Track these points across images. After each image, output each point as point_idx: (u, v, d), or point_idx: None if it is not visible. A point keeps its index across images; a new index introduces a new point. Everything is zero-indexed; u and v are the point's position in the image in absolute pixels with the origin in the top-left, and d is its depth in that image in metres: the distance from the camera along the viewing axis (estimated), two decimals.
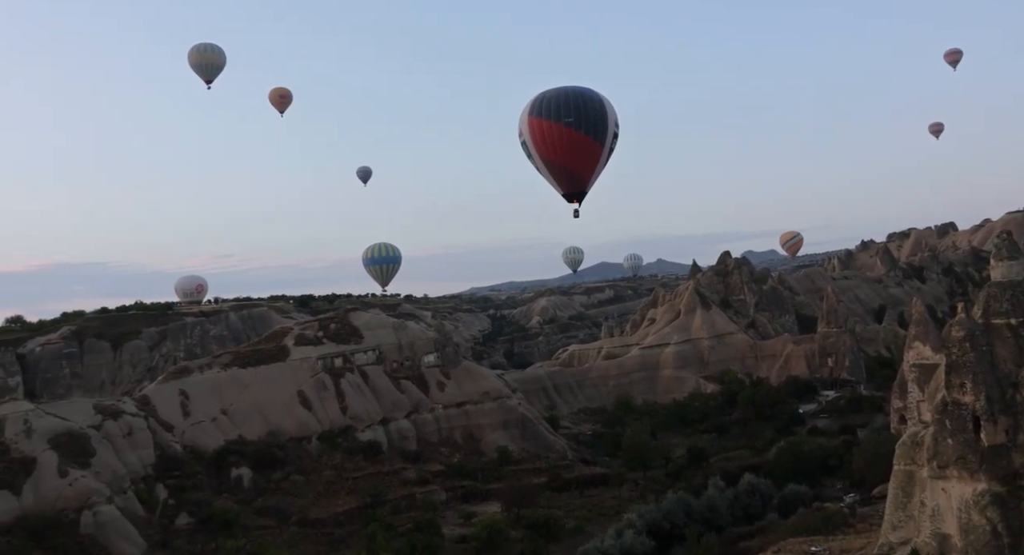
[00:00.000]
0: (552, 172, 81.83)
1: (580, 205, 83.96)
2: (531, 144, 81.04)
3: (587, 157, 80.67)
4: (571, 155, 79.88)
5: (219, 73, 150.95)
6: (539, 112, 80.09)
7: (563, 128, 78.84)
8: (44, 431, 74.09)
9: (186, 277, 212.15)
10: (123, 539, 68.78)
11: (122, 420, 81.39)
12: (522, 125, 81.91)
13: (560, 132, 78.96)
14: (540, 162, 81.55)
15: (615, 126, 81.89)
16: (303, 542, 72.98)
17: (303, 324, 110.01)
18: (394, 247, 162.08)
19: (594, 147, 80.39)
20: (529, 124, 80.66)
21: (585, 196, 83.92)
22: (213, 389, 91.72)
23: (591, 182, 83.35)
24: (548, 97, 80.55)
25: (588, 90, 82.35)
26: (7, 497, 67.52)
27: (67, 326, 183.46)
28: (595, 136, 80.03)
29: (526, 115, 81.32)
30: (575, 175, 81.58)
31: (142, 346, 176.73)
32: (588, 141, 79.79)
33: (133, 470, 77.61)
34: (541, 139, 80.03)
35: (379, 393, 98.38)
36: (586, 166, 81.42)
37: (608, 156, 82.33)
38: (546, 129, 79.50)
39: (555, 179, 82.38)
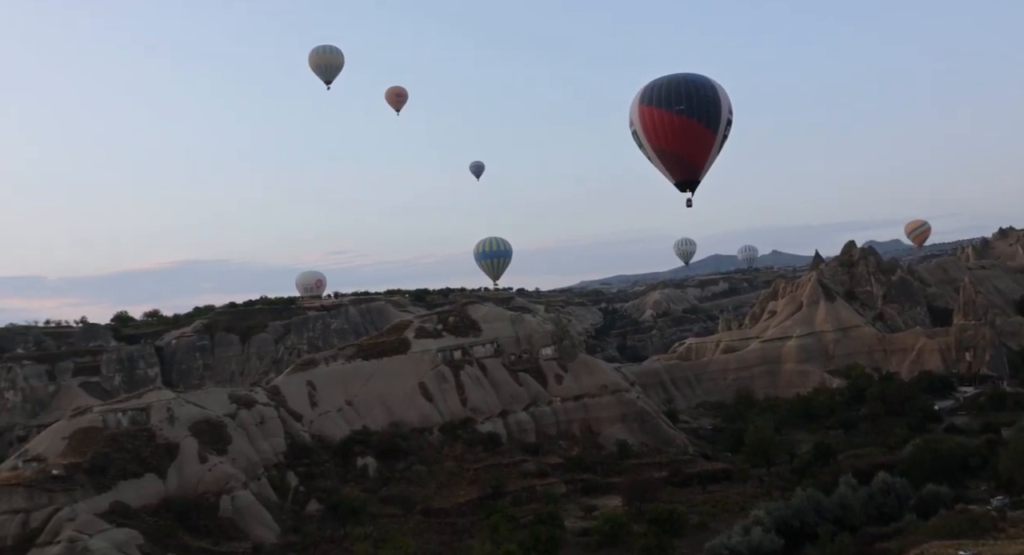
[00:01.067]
0: (664, 161, 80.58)
1: (693, 194, 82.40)
2: (642, 133, 80.00)
3: (700, 145, 79.08)
4: (683, 143, 78.50)
5: (338, 74, 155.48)
6: (650, 100, 78.97)
7: (674, 116, 77.54)
8: (185, 419, 78.12)
9: (306, 272, 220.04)
10: (259, 523, 71.71)
11: (255, 409, 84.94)
12: (633, 114, 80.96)
13: (672, 120, 77.68)
14: (651, 151, 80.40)
15: (729, 112, 79.88)
16: (427, 531, 74.20)
17: (422, 317, 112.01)
18: (505, 241, 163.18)
19: (707, 134, 78.72)
20: (640, 113, 79.63)
21: (698, 185, 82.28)
22: (338, 380, 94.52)
23: (704, 170, 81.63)
24: (659, 85, 79.34)
25: (700, 76, 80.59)
26: (154, 480, 71.48)
27: (199, 320, 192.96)
28: (708, 123, 78.36)
29: (637, 104, 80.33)
30: (688, 163, 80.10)
31: (268, 339, 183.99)
32: (701, 128, 78.21)
33: (266, 457, 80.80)
34: (652, 128, 78.91)
35: (498, 385, 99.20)
36: (699, 154, 79.82)
37: (721, 143, 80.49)
38: (657, 117, 78.32)
39: (667, 168, 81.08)
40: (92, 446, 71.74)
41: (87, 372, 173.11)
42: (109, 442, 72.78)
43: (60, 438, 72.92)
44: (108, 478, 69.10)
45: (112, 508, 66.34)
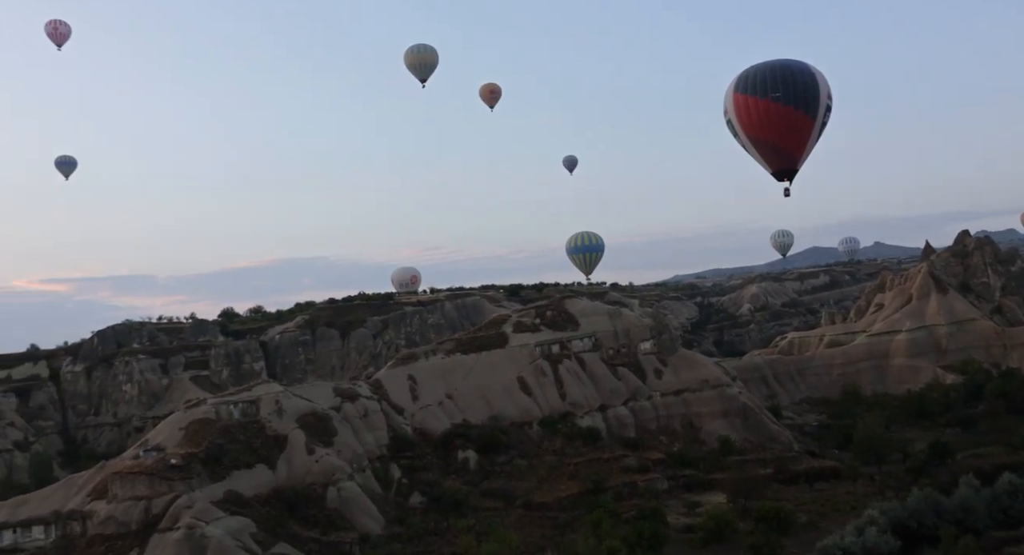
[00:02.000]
0: (760, 150, 78.52)
1: (791, 183, 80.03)
2: (737, 122, 78.16)
3: (797, 132, 76.70)
4: (780, 131, 76.31)
5: (432, 72, 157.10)
6: (745, 88, 77.03)
7: (770, 103, 75.43)
8: (293, 411, 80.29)
9: (401, 269, 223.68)
10: (364, 514, 73.08)
11: (358, 403, 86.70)
12: (727, 103, 79.16)
13: (767, 108, 75.60)
14: (747, 140, 78.50)
15: (828, 98, 77.21)
16: (529, 525, 74.26)
17: (520, 312, 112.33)
18: (597, 235, 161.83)
19: (805, 121, 76.28)
20: (735, 102, 77.79)
21: (796, 173, 79.89)
22: (439, 374, 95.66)
23: (802, 159, 79.17)
24: (754, 72, 77.31)
25: (797, 62, 78.16)
26: (264, 471, 73.64)
27: (301, 316, 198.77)
28: (806, 110, 75.94)
29: (731, 92, 78.53)
30: (785, 152, 77.82)
31: (367, 334, 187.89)
32: (798, 115, 75.84)
33: (369, 450, 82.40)
34: (747, 116, 77.00)
35: (596, 380, 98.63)
36: (796, 142, 77.42)
37: (820, 130, 77.93)
38: (752, 105, 76.36)
39: (763, 157, 78.96)
40: (207, 437, 74.39)
41: (197, 366, 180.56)
42: (222, 433, 75.33)
43: (177, 429, 75.94)
44: (222, 468, 71.50)
45: (226, 497, 68.57)
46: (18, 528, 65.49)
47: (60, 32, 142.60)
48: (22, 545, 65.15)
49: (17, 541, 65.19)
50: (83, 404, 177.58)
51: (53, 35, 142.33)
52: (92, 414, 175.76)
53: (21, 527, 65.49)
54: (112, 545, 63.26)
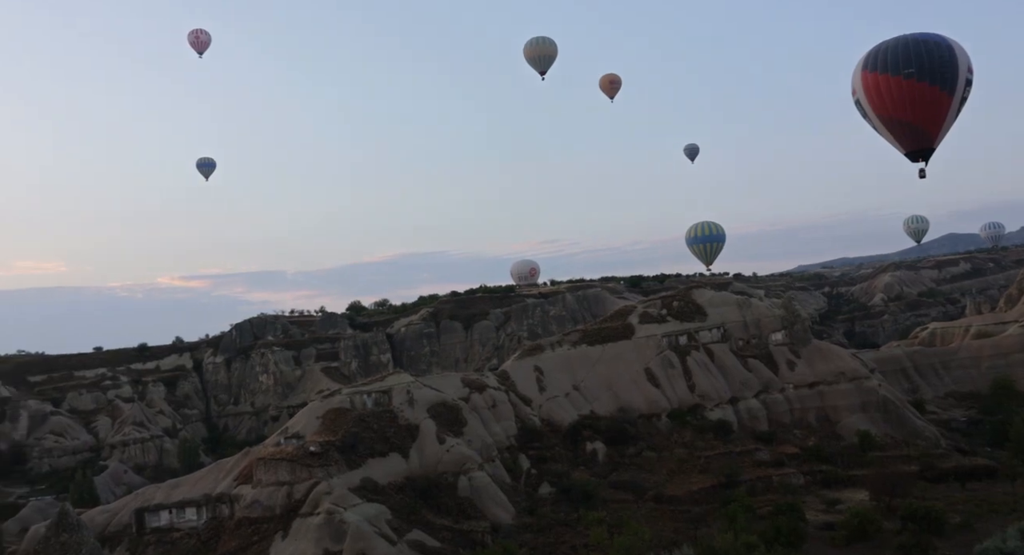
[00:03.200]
0: (892, 130, 74.37)
1: (927, 164, 75.45)
2: (866, 102, 74.28)
3: (934, 109, 72.17)
4: (914, 109, 72.04)
5: (552, 64, 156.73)
6: (874, 66, 73.10)
7: (903, 80, 71.32)
8: (424, 401, 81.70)
9: (521, 261, 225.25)
10: (495, 504, 73.59)
11: (487, 393, 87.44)
12: (855, 83, 75.39)
13: (900, 85, 71.49)
14: (877, 120, 74.50)
15: (968, 72, 72.24)
16: (661, 518, 73.03)
17: (646, 302, 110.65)
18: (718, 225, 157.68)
19: (941, 97, 71.68)
20: (863, 80, 73.99)
21: (932, 153, 75.19)
22: (565, 365, 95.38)
23: (939, 137, 74.46)
24: (884, 49, 73.26)
25: (932, 35, 73.47)
26: (398, 460, 75.19)
27: (425, 308, 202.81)
28: (943, 85, 71.34)
29: (859, 71, 74.76)
30: (920, 130, 73.39)
31: (490, 326, 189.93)
32: (934, 91, 71.34)
33: (498, 440, 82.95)
34: (878, 95, 73.05)
35: (726, 371, 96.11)
36: (933, 120, 72.86)
37: (960, 107, 73.05)
38: (883, 83, 72.39)
39: (896, 137, 74.74)
40: (342, 425, 76.58)
41: (327, 357, 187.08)
42: (357, 422, 77.37)
43: (314, 417, 78.47)
44: (358, 455, 73.43)
45: (363, 484, 70.35)
46: (173, 509, 69.25)
47: (201, 40, 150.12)
48: (177, 525, 68.84)
49: (173, 521, 68.94)
50: (223, 394, 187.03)
51: (195, 44, 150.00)
52: (232, 403, 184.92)
53: (176, 508, 69.22)
54: (258, 528, 65.87)
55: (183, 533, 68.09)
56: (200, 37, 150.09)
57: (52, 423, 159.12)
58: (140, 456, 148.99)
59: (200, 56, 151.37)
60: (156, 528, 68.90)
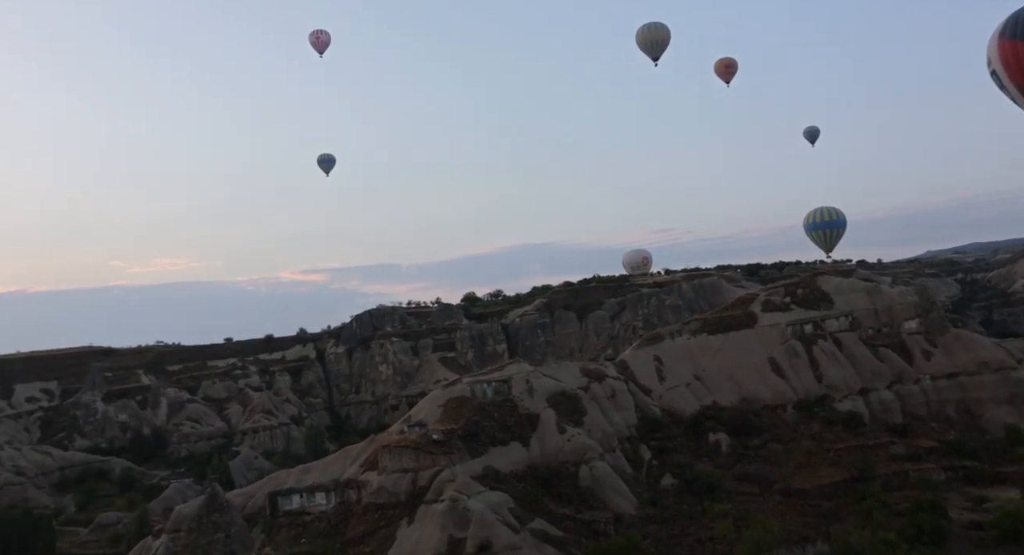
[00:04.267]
0: None
1: None
2: (1003, 71, 69.36)
3: None
4: None
5: (665, 49, 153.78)
6: (1012, 34, 68.19)
7: None
8: (543, 391, 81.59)
9: (633, 251, 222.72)
10: (616, 494, 72.79)
11: (606, 383, 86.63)
12: (991, 52, 70.49)
13: None
14: (1015, 91, 69.23)
15: None
16: (789, 512, 70.64)
17: (768, 290, 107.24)
18: (838, 211, 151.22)
19: None
20: (1000, 49, 69.07)
21: None
22: (685, 355, 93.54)
23: None
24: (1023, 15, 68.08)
25: None
26: (518, 448, 75.33)
27: (539, 299, 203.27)
28: None
29: (996, 40, 69.86)
30: None
31: (604, 316, 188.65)
32: None
33: (618, 430, 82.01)
34: (1016, 63, 67.85)
35: (856, 361, 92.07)
36: None
37: None
38: (1022, 51, 67.11)
39: None
40: (463, 414, 77.32)
41: (444, 348, 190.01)
42: (478, 411, 77.97)
43: (436, 406, 79.56)
44: (479, 444, 73.96)
45: (484, 472, 70.76)
46: (304, 493, 71.52)
47: (321, 40, 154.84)
48: (308, 509, 71.06)
49: (303, 505, 71.21)
50: (345, 383, 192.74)
51: (315, 44, 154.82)
52: (353, 392, 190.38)
53: (307, 493, 71.47)
54: (384, 513, 67.27)
55: (313, 516, 70.20)
56: (320, 37, 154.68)
57: (189, 410, 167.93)
58: (268, 442, 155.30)
59: (320, 55, 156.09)
60: (288, 511, 71.30)
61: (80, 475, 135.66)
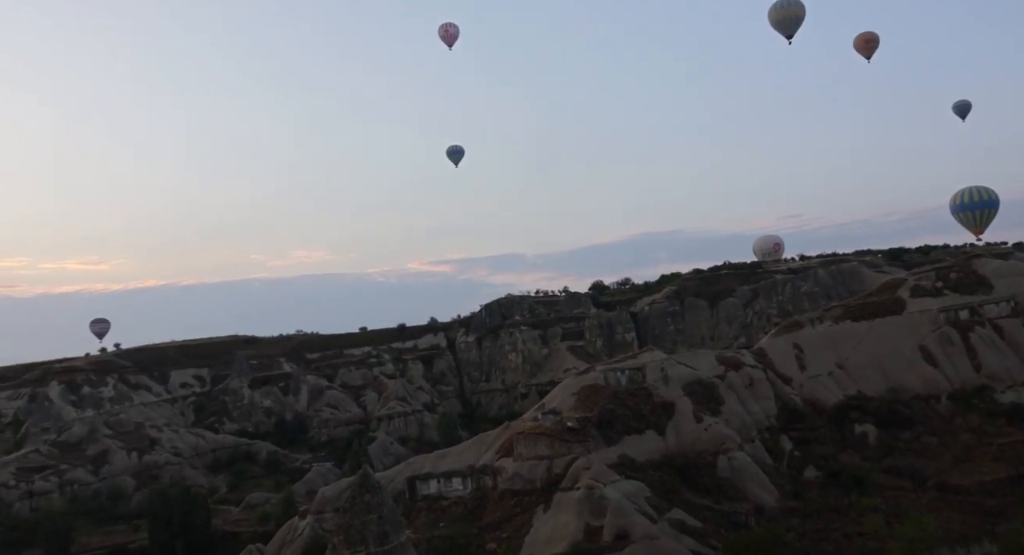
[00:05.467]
0: None
1: None
2: None
3: None
4: None
5: (799, 26, 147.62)
6: None
7: None
8: (678, 379, 79.96)
9: (763, 237, 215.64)
10: (756, 485, 70.55)
11: (743, 371, 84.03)
12: None
13: None
14: None
15: None
16: (945, 509, 66.57)
17: (917, 274, 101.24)
18: (989, 190, 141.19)
19: None
20: None
21: None
22: (827, 343, 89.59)
23: None
24: None
25: None
26: (654, 437, 74.16)
27: (668, 287, 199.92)
28: None
29: None
30: None
31: (736, 304, 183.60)
32: None
33: (757, 420, 79.44)
34: None
35: (1019, 350, 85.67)
36: None
37: None
38: None
39: None
40: (597, 402, 76.72)
41: (572, 336, 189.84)
42: (612, 399, 77.19)
43: (570, 393, 79.30)
44: (614, 432, 73.18)
45: (620, 460, 69.98)
46: (441, 478, 72.79)
47: (451, 33, 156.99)
48: (445, 494, 72.28)
49: (440, 490, 72.48)
50: (475, 371, 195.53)
51: (445, 37, 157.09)
52: (483, 380, 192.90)
53: (443, 478, 72.69)
54: (520, 500, 67.55)
55: (451, 501, 71.32)
56: (450, 30, 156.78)
57: (328, 397, 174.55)
58: (403, 429, 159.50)
59: (450, 48, 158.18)
60: (426, 495, 72.72)
61: (230, 457, 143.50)
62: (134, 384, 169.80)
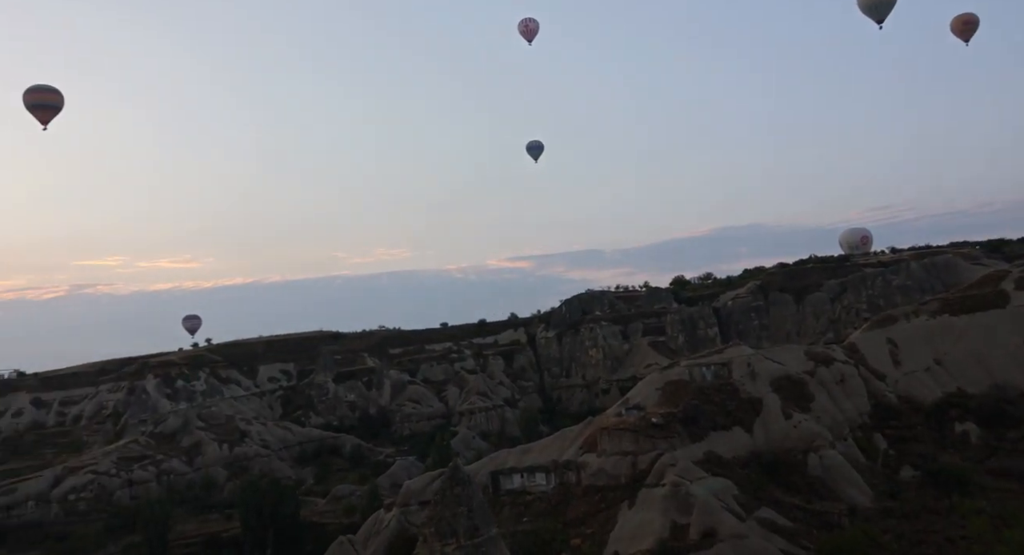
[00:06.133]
0: None
1: None
2: None
3: None
4: None
5: (891, 10, 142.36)
6: None
7: None
8: (765, 374, 77.96)
9: (850, 229, 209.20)
10: (850, 485, 68.25)
11: (833, 367, 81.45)
12: None
13: None
14: None
15: None
16: None
17: (1022, 266, 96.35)
18: None
19: None
20: None
21: None
22: (923, 338, 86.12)
23: None
24: None
25: None
26: (741, 434, 72.42)
27: (752, 281, 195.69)
28: None
29: None
30: None
31: (823, 298, 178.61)
32: None
33: (849, 417, 76.90)
34: None
35: None
36: None
37: None
38: None
39: None
40: (682, 398, 75.37)
41: (654, 332, 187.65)
42: (697, 394, 75.74)
43: (654, 389, 78.12)
44: (700, 428, 71.74)
45: (706, 457, 68.57)
46: (524, 473, 72.57)
47: (530, 29, 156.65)
48: (528, 489, 72.05)
49: (524, 485, 72.28)
50: (555, 366, 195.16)
51: (524, 32, 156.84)
52: (563, 376, 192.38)
53: (527, 472, 72.47)
54: (604, 496, 66.86)
55: (534, 496, 71.06)
56: (529, 26, 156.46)
57: (410, 391, 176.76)
58: (484, 424, 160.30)
59: (529, 44, 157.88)
60: (509, 490, 72.61)
61: (316, 450, 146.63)
62: (224, 378, 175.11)
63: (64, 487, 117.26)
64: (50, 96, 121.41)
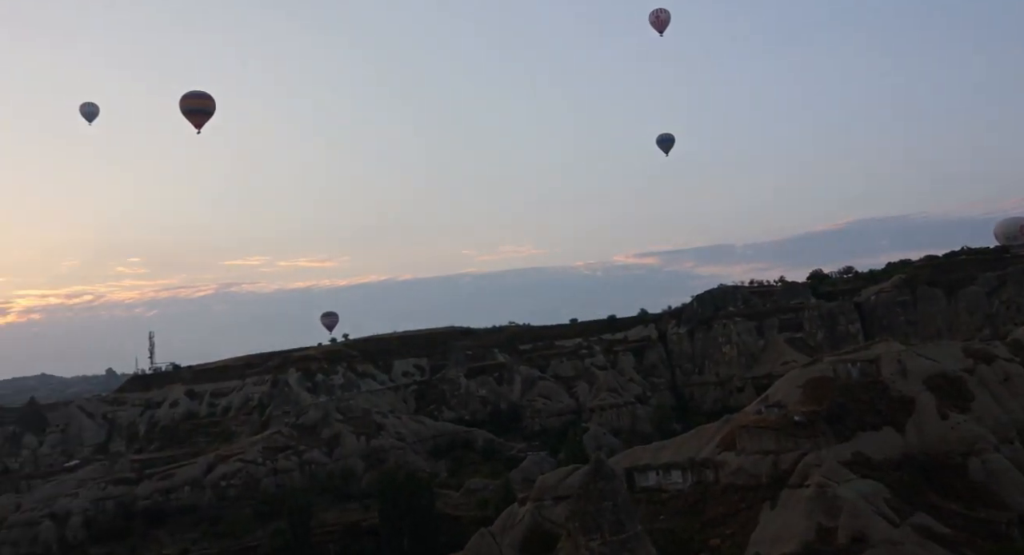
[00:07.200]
0: None
1: None
2: None
3: None
4: None
5: None
6: None
7: None
8: (918, 372, 73.45)
9: (1007, 219, 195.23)
10: (1018, 492, 63.33)
11: (996, 365, 75.92)
12: None
13: None
14: None
15: None
16: None
17: None
18: None
19: None
20: None
21: None
22: None
23: None
24: None
25: None
26: (892, 434, 68.43)
27: (897, 275, 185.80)
28: None
29: None
30: None
31: (979, 292, 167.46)
32: None
33: (1015, 419, 71.40)
34: None
35: None
36: None
37: None
38: None
39: None
40: (826, 396, 71.91)
41: (791, 328, 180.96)
42: (842, 392, 72.15)
43: (795, 386, 74.93)
44: (846, 428, 68.25)
45: (853, 458, 65.09)
46: (660, 470, 71.09)
47: (661, 19, 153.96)
48: (664, 486, 70.55)
49: (659, 482, 70.82)
50: (687, 363, 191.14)
51: (655, 23, 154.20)
52: (696, 373, 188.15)
53: (662, 470, 70.96)
54: (745, 495, 64.62)
55: (670, 494, 69.52)
56: (660, 16, 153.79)
57: (540, 387, 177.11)
58: (615, 420, 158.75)
59: (660, 35, 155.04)
60: (645, 487, 71.31)
61: (449, 444, 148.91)
62: (361, 372, 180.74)
63: (216, 474, 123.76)
64: (203, 102, 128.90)
